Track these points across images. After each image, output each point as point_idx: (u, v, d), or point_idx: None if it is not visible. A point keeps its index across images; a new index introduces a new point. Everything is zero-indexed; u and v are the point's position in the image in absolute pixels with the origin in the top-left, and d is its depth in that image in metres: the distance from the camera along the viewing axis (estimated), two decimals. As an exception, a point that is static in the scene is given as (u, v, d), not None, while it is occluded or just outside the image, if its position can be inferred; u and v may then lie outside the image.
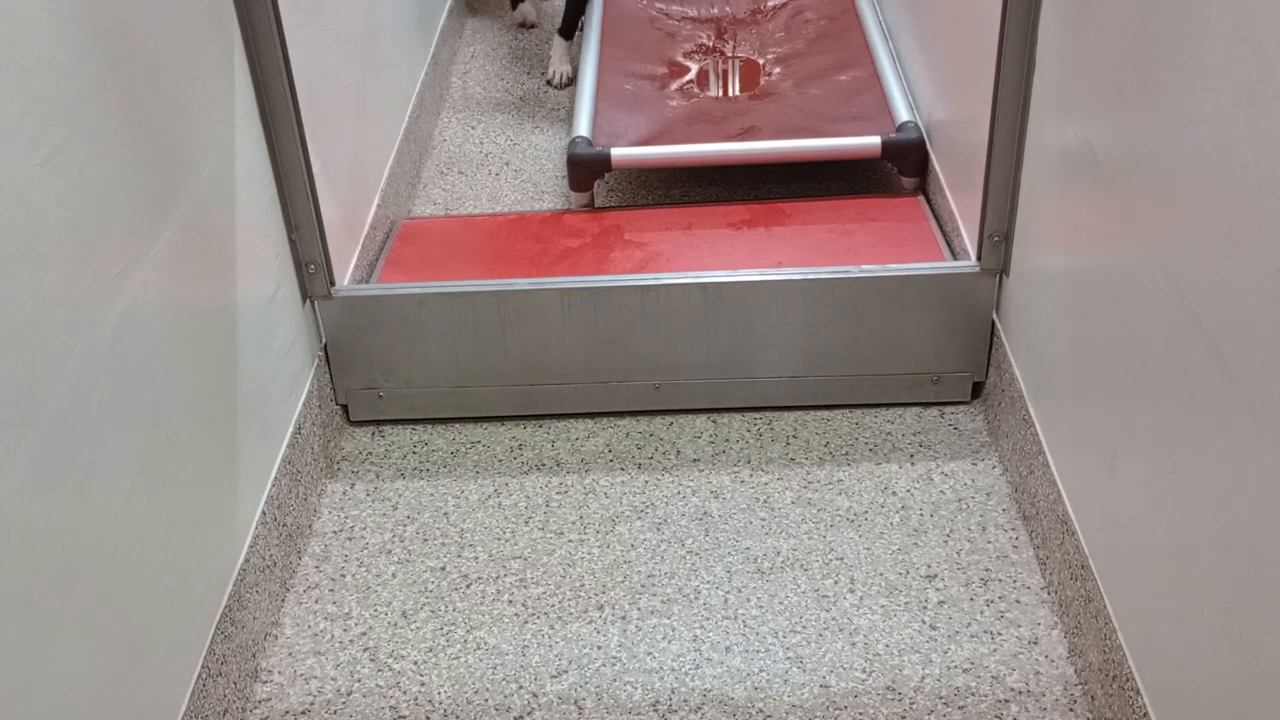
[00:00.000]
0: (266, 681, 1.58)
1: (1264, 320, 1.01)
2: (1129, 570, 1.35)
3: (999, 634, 1.57)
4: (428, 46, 2.95)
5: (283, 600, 1.69)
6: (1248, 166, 1.03)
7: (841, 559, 1.70)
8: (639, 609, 1.64)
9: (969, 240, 1.97)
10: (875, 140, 2.36)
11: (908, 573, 1.67)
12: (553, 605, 1.66)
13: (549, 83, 3.10)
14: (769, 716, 1.49)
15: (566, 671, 1.56)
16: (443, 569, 1.73)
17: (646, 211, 2.32)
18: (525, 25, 3.41)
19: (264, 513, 1.64)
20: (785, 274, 1.87)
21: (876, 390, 1.96)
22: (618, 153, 2.40)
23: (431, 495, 1.86)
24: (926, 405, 1.97)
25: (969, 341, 1.91)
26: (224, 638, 1.48)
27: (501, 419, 2.00)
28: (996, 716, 1.47)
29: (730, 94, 2.67)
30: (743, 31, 2.95)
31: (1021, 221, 1.74)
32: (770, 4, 3.07)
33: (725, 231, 2.21)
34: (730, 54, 2.85)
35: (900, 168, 2.39)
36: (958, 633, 1.58)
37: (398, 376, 1.96)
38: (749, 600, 1.64)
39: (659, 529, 1.77)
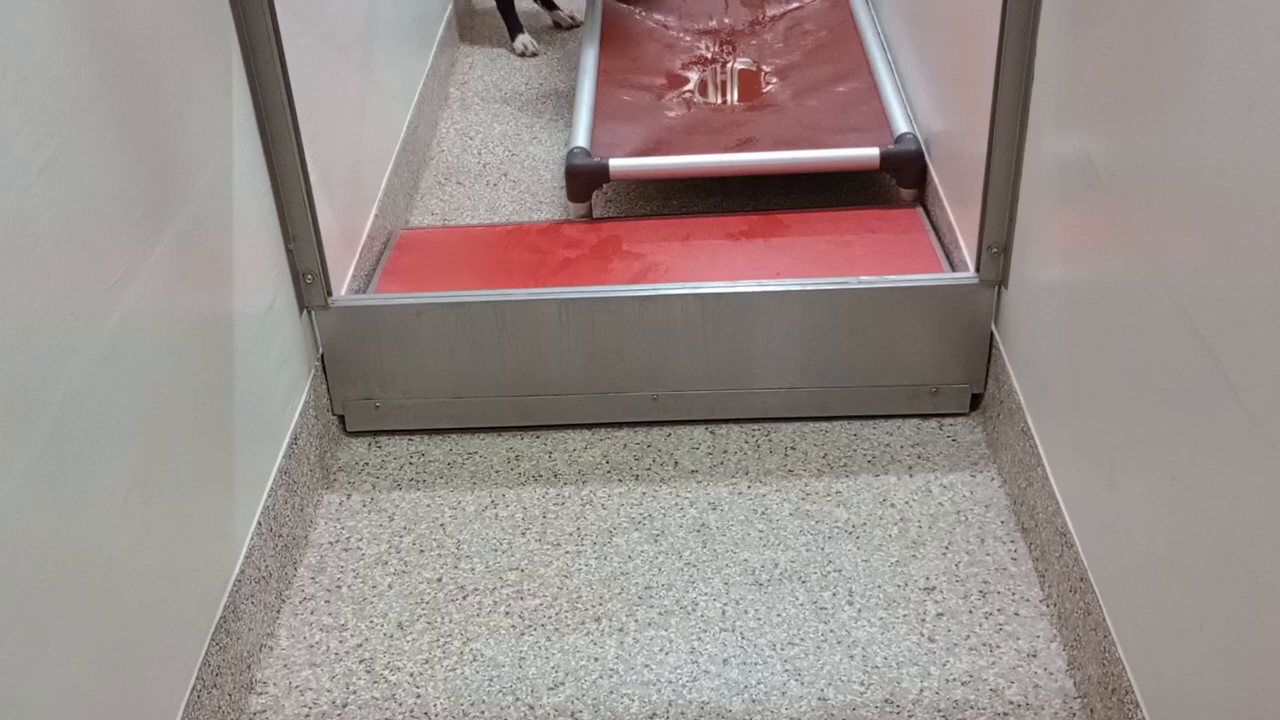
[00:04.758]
0: (262, 693, 1.57)
1: (1263, 332, 1.01)
2: (1128, 583, 1.34)
3: (998, 647, 1.57)
4: (426, 56, 2.95)
5: (278, 611, 1.69)
6: (1246, 178, 1.03)
7: (840, 571, 1.69)
8: (636, 621, 1.64)
9: (968, 252, 1.97)
10: (874, 152, 2.37)
11: (906, 585, 1.66)
12: (549, 617, 1.65)
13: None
14: (767, 729, 1.48)
15: (563, 684, 1.55)
16: (439, 580, 1.72)
17: (644, 222, 2.32)
18: (526, 55, 3.39)
19: (260, 523, 1.63)
20: (783, 285, 1.87)
21: (875, 402, 1.96)
22: (616, 164, 2.40)
23: (428, 506, 1.86)
24: (925, 417, 1.97)
25: (968, 353, 1.91)
26: (219, 649, 1.47)
27: (499, 430, 2.00)
28: (995, 730, 1.46)
29: (728, 105, 2.67)
30: (741, 43, 2.96)
31: (1020, 233, 1.74)
32: (769, 15, 3.08)
33: (723, 242, 2.21)
34: (729, 65, 2.86)
35: (899, 179, 2.39)
36: (956, 645, 1.57)
37: (394, 387, 1.95)
38: (747, 612, 1.64)
39: (656, 540, 1.76)
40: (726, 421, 1.99)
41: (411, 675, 1.58)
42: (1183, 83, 1.16)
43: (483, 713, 1.52)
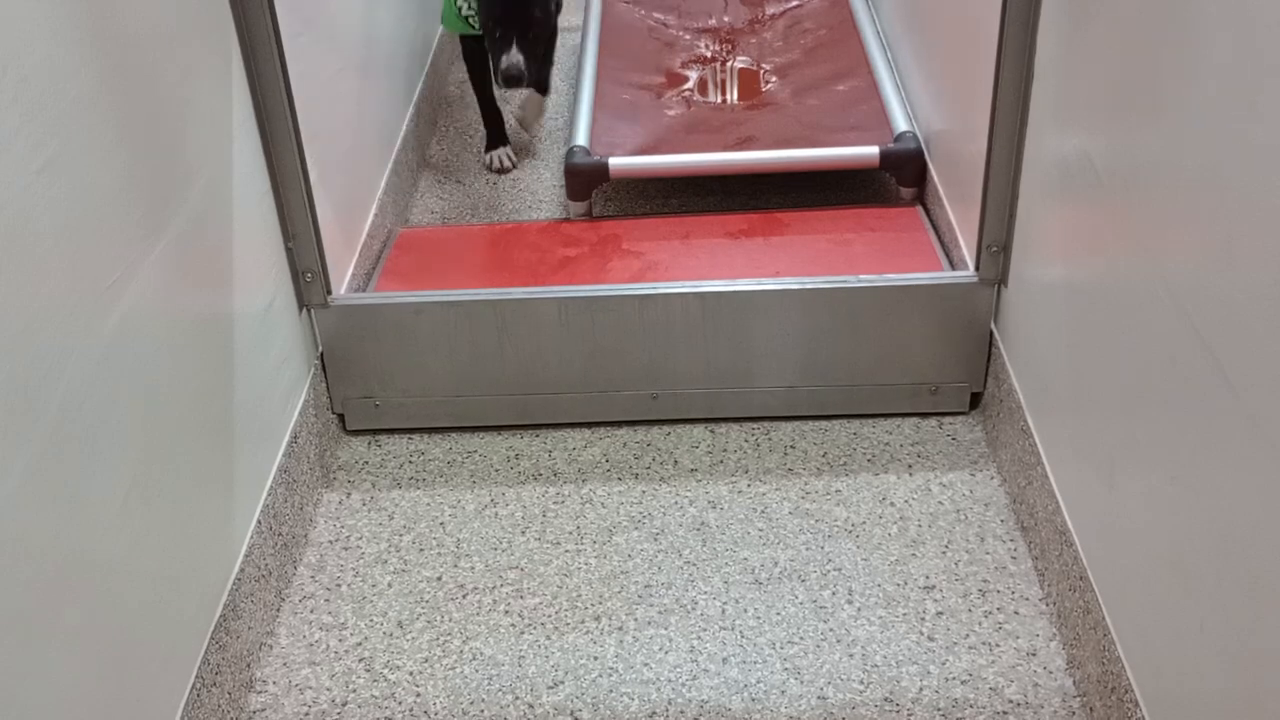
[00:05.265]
0: (261, 692, 1.57)
1: (1263, 332, 1.01)
2: (1128, 582, 1.34)
3: (997, 645, 1.57)
4: (425, 54, 2.95)
5: (278, 610, 1.69)
6: (1246, 177, 1.03)
7: (839, 570, 1.69)
8: (636, 620, 1.64)
9: (967, 250, 1.97)
10: (873, 150, 2.36)
11: (906, 584, 1.66)
12: (549, 616, 1.65)
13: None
14: (766, 728, 1.48)
15: (563, 682, 1.55)
16: (439, 579, 1.72)
17: (644, 221, 2.32)
18: (500, 170, 2.75)
19: (259, 522, 1.63)
20: (783, 284, 1.87)
21: (875, 400, 1.96)
22: (615, 162, 2.40)
23: (428, 505, 1.86)
24: (925, 415, 1.97)
25: (967, 352, 1.91)
26: (219, 648, 1.48)
27: (498, 428, 2.00)
28: (995, 729, 1.46)
29: (728, 104, 2.67)
30: (741, 41, 2.95)
31: (1020, 232, 1.74)
32: (768, 14, 3.07)
33: (723, 241, 2.21)
34: (728, 64, 2.85)
35: (898, 178, 2.38)
36: (956, 644, 1.57)
37: (394, 386, 1.95)
38: (746, 611, 1.64)
39: (656, 539, 1.76)
40: (726, 420, 1.99)
41: (411, 674, 1.58)
42: (1183, 81, 1.16)
43: (482, 711, 1.52)
